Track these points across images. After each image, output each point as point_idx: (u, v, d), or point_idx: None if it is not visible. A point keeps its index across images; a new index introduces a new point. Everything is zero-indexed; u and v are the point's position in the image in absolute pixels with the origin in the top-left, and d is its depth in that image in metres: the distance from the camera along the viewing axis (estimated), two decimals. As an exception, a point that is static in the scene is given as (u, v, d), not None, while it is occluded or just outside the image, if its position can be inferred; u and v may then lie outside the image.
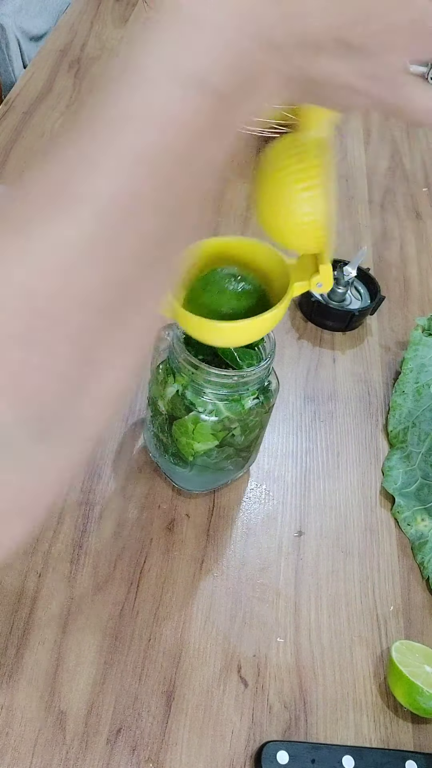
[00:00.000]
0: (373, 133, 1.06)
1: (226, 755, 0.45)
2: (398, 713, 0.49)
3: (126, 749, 0.44)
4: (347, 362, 0.71)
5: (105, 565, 0.52)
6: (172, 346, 0.50)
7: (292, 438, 0.63)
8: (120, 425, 0.61)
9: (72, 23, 1.13)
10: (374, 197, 0.94)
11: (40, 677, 0.46)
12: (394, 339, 0.75)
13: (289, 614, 0.52)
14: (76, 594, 0.50)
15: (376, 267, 0.83)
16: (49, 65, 1.02)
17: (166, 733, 0.45)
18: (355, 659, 0.51)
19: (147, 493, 0.57)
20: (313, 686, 0.49)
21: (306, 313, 0.74)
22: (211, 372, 0.48)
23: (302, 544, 0.56)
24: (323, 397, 0.67)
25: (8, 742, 0.43)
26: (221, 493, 0.58)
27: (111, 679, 0.47)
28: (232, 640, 0.50)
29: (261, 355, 0.51)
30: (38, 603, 0.49)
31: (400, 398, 0.66)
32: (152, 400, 0.54)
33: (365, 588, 0.55)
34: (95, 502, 0.55)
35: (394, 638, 0.52)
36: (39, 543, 0.52)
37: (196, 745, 0.45)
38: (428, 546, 0.57)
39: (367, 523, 0.59)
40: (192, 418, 0.50)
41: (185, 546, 0.54)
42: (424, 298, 0.80)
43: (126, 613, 0.50)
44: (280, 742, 0.45)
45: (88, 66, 1.04)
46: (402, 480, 0.61)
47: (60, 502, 0.55)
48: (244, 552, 0.55)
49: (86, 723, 0.45)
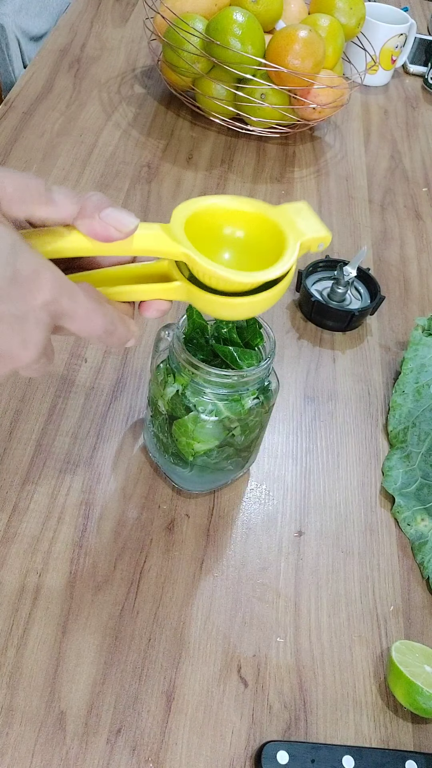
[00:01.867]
0: (373, 133, 1.06)
1: (226, 755, 0.45)
2: (398, 713, 0.49)
3: (126, 749, 0.44)
4: (347, 362, 0.71)
5: (105, 565, 0.52)
6: (172, 346, 0.50)
7: (292, 438, 0.63)
8: (120, 425, 0.61)
9: (72, 23, 1.13)
10: (374, 197, 0.94)
11: (40, 677, 0.46)
12: (394, 339, 0.75)
13: (289, 614, 0.52)
14: (76, 594, 0.50)
15: (376, 267, 0.83)
16: (49, 65, 1.02)
17: (166, 733, 0.45)
18: (355, 659, 0.51)
19: (147, 493, 0.57)
20: (313, 686, 0.49)
21: (306, 313, 0.75)
22: (211, 372, 0.48)
23: (302, 544, 0.56)
24: (323, 397, 0.67)
25: (8, 742, 0.43)
26: (221, 493, 0.58)
27: (111, 679, 0.47)
28: (232, 640, 0.50)
29: (261, 355, 0.51)
30: (38, 603, 0.49)
31: (400, 398, 0.66)
32: (152, 400, 0.54)
33: (365, 588, 0.55)
34: (95, 502, 0.55)
35: (394, 638, 0.52)
36: (39, 543, 0.52)
37: (196, 745, 0.45)
38: (428, 546, 0.57)
39: (367, 523, 0.59)
40: (192, 418, 0.50)
41: (185, 546, 0.54)
42: (424, 298, 0.80)
43: (126, 613, 0.50)
44: (280, 742, 0.45)
45: (88, 66, 1.04)
46: (402, 480, 0.61)
47: (60, 501, 0.55)
48: (244, 552, 0.55)
49: (86, 723, 0.45)
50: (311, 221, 0.44)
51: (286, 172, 0.93)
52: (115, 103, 0.98)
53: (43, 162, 0.86)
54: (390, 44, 1.11)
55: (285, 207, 0.45)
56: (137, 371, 0.65)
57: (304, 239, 0.43)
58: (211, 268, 0.40)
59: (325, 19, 0.92)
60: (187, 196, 0.86)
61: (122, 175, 0.87)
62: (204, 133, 0.96)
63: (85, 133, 0.91)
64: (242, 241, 0.45)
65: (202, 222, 0.43)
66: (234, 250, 0.45)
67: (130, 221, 0.38)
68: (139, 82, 1.03)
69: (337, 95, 0.92)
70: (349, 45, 1.07)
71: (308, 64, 0.86)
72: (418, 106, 1.15)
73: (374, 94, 1.15)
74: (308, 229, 0.44)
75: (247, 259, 0.45)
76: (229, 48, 0.85)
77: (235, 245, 0.45)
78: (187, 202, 0.43)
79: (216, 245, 0.45)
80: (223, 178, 0.90)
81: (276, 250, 0.43)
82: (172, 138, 0.94)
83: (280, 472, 0.61)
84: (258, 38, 0.86)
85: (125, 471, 0.58)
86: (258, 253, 0.44)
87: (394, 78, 1.20)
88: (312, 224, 0.44)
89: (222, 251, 0.45)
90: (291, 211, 0.44)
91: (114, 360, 0.65)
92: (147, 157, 0.90)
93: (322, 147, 1.00)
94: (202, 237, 0.43)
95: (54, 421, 0.60)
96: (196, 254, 0.40)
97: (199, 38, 0.87)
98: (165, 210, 0.83)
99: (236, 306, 0.42)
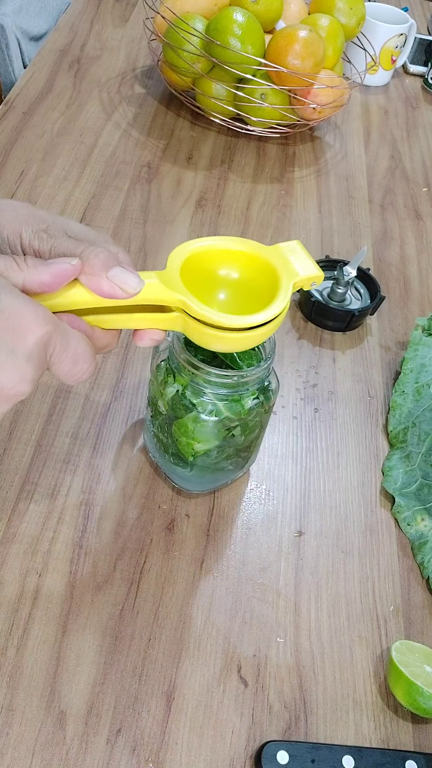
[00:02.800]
0: (373, 133, 1.06)
1: (226, 755, 0.45)
2: (398, 713, 0.49)
3: (126, 749, 0.44)
4: (347, 362, 0.71)
5: (105, 565, 0.52)
6: (172, 346, 0.50)
7: (292, 438, 0.63)
8: (120, 425, 0.61)
9: (72, 23, 1.13)
10: (374, 197, 0.94)
11: (40, 677, 0.46)
12: (394, 339, 0.75)
13: (289, 614, 0.52)
14: (76, 594, 0.50)
15: (376, 267, 0.83)
16: (49, 65, 1.02)
17: (166, 733, 0.45)
18: (355, 659, 0.51)
19: (147, 493, 0.57)
20: (313, 686, 0.49)
21: (306, 313, 0.75)
22: (211, 372, 0.48)
23: (302, 544, 0.56)
24: (323, 397, 0.67)
25: (8, 742, 0.43)
26: (221, 493, 0.58)
27: (111, 679, 0.47)
28: (232, 640, 0.50)
29: (261, 355, 0.51)
30: (38, 603, 0.49)
31: (400, 398, 0.66)
32: (152, 400, 0.54)
33: (365, 588, 0.55)
34: (95, 502, 0.55)
35: (394, 638, 0.52)
36: (39, 543, 0.52)
37: (196, 745, 0.45)
38: (428, 546, 0.57)
39: (367, 523, 0.59)
40: (192, 418, 0.50)
41: (185, 546, 0.54)
42: (424, 298, 0.80)
43: (126, 613, 0.50)
44: (280, 742, 0.45)
45: (88, 66, 1.04)
46: (402, 480, 0.61)
47: (60, 502, 0.55)
48: (244, 552, 0.55)
49: (86, 723, 0.45)
50: (304, 261, 0.46)
51: (286, 172, 0.93)
52: (115, 103, 0.98)
53: (43, 162, 0.86)
54: (390, 44, 1.11)
55: (278, 247, 0.46)
56: (137, 371, 0.65)
57: (297, 279, 0.45)
58: (206, 314, 0.41)
59: (325, 19, 0.92)
60: (187, 195, 0.86)
61: (122, 175, 0.87)
62: (204, 133, 0.96)
63: (85, 133, 0.92)
64: (237, 281, 0.47)
65: (198, 264, 0.45)
66: (229, 290, 0.47)
67: (137, 284, 0.39)
68: (139, 82, 1.03)
69: (337, 95, 0.92)
70: (349, 45, 1.07)
71: (308, 64, 0.86)
72: (418, 106, 1.15)
73: (374, 94, 1.15)
74: (301, 269, 0.46)
75: (243, 298, 0.46)
76: (229, 48, 0.85)
77: (230, 285, 0.47)
78: (182, 246, 0.44)
79: (212, 286, 0.46)
80: (223, 178, 0.90)
81: (270, 289, 0.44)
82: (172, 138, 0.94)
83: (280, 472, 0.61)
84: (258, 38, 0.86)
85: (125, 471, 0.58)
86: (253, 292, 0.46)
87: (394, 78, 1.20)
88: (305, 264, 0.46)
89: (218, 291, 0.47)
90: (284, 251, 0.46)
91: (114, 360, 0.65)
92: (147, 157, 0.90)
93: (322, 147, 1.00)
94: (198, 279, 0.44)
95: (54, 422, 0.60)
96: (192, 301, 0.41)
97: (199, 38, 0.87)
98: (165, 210, 0.83)
99: (231, 340, 0.43)
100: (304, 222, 0.87)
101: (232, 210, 0.86)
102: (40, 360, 0.36)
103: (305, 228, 0.86)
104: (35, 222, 0.39)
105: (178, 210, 0.84)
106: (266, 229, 0.84)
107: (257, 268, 0.45)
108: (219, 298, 0.47)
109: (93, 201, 0.82)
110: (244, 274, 0.46)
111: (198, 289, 0.43)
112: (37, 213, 0.40)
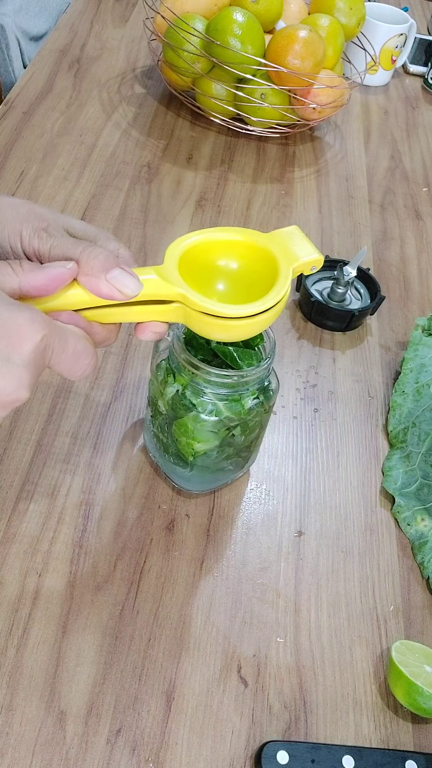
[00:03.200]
0: (373, 133, 1.06)
1: (226, 755, 0.45)
2: (398, 713, 0.49)
3: (126, 749, 0.44)
4: (347, 362, 0.71)
5: (105, 565, 0.52)
6: (172, 346, 0.50)
7: (292, 438, 0.63)
8: (120, 425, 0.61)
9: (72, 23, 1.13)
10: (374, 197, 0.94)
11: (40, 677, 0.46)
12: (394, 339, 0.75)
13: (289, 614, 0.52)
14: (76, 594, 0.50)
15: (376, 267, 0.83)
16: (49, 65, 1.02)
17: (166, 733, 0.45)
18: (355, 659, 0.51)
19: (147, 493, 0.57)
20: (313, 686, 0.49)
21: (306, 313, 0.75)
22: (211, 372, 0.48)
23: (302, 544, 0.56)
24: (323, 397, 0.67)
25: (8, 742, 0.43)
26: (221, 493, 0.58)
27: (111, 679, 0.47)
28: (232, 640, 0.50)
29: (261, 355, 0.51)
30: (38, 603, 0.49)
31: (400, 398, 0.66)
32: (152, 400, 0.54)
33: (365, 588, 0.55)
34: (95, 502, 0.55)
35: (394, 638, 0.52)
36: (39, 543, 0.52)
37: (196, 745, 0.45)
38: (428, 546, 0.57)
39: (367, 523, 0.59)
40: (192, 418, 0.50)
41: (185, 546, 0.54)
42: (424, 298, 0.80)
43: (126, 613, 0.50)
44: (280, 742, 0.45)
45: (88, 66, 1.04)
46: (402, 480, 0.61)
47: (60, 502, 0.55)
48: (244, 552, 0.55)
49: (86, 723, 0.45)
50: (303, 245, 0.45)
51: (286, 172, 0.93)
52: (115, 103, 0.98)
53: (43, 162, 0.86)
54: (390, 44, 1.11)
55: (276, 233, 0.46)
56: (137, 371, 0.65)
57: (296, 264, 0.44)
58: (206, 305, 0.41)
59: (325, 19, 0.92)
60: (187, 195, 0.86)
61: (122, 175, 0.87)
62: (204, 133, 0.96)
63: (85, 133, 0.92)
64: (236, 271, 0.46)
65: (196, 257, 0.44)
66: (229, 280, 0.47)
67: (136, 286, 0.39)
68: (139, 82, 1.03)
69: (337, 95, 0.92)
70: (349, 45, 1.07)
71: (308, 64, 0.86)
72: (418, 106, 1.15)
73: (374, 94, 1.15)
74: (300, 252, 0.45)
75: (244, 286, 0.46)
76: (229, 48, 0.85)
77: (229, 275, 0.46)
78: (179, 239, 0.44)
79: (211, 277, 0.46)
80: (223, 178, 0.90)
81: (270, 276, 0.44)
82: (172, 138, 0.94)
83: (280, 472, 0.61)
84: (258, 38, 0.86)
85: (125, 471, 0.58)
86: (253, 281, 0.45)
87: (394, 78, 1.20)
88: (304, 248, 0.45)
89: (217, 282, 0.47)
90: (283, 237, 0.46)
91: (114, 360, 0.65)
92: (147, 157, 0.90)
93: (322, 147, 1.00)
94: (197, 271, 0.44)
95: (54, 422, 0.60)
96: (191, 293, 0.41)
97: (199, 38, 0.87)
98: (165, 210, 0.83)
99: (233, 328, 0.43)
100: (304, 222, 0.87)
101: (232, 210, 0.86)
102: (37, 365, 0.36)
103: (305, 228, 0.86)
104: (36, 220, 0.39)
105: (178, 210, 0.84)
106: (266, 229, 0.84)
107: (256, 256, 0.45)
108: (219, 288, 0.46)
109: (93, 201, 0.82)
110: (243, 263, 0.46)
111: (198, 281, 0.42)
112: (37, 210, 0.40)
